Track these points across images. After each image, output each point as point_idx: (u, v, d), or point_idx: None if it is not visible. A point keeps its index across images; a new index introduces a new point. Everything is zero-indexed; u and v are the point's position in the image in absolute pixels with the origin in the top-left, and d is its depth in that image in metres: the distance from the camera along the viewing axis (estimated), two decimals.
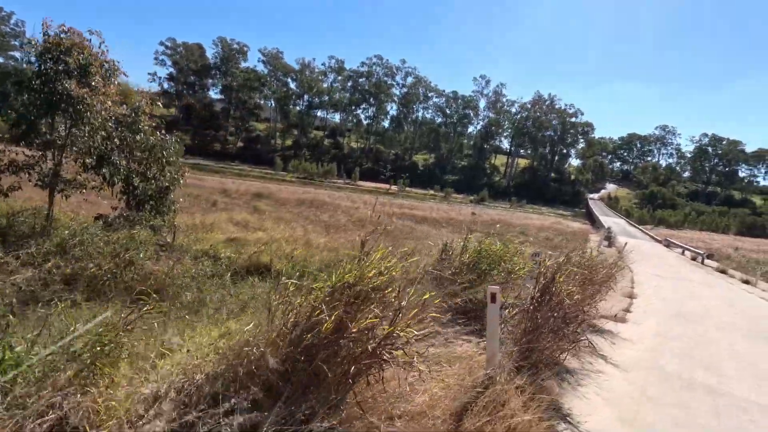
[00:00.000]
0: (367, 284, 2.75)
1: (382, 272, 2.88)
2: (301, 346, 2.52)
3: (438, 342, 4.47)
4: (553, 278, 4.64)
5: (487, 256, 6.14)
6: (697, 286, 16.96)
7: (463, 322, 5.25)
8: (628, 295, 12.95)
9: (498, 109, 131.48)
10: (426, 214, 33.16)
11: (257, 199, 28.53)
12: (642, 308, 11.06)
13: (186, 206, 21.35)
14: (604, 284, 8.12)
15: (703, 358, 7.00)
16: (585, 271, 7.08)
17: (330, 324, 2.52)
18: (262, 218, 20.07)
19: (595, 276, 7.46)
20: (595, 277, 7.43)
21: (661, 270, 20.68)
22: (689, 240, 41.26)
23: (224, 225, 16.68)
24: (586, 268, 7.42)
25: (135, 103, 11.87)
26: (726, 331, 9.53)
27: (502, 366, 3.75)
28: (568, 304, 4.64)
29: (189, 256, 10.65)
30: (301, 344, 2.52)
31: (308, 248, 14.46)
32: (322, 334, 2.51)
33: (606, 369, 5.75)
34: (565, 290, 4.73)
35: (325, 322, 2.49)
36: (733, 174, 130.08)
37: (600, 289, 7.97)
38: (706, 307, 12.52)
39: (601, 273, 7.87)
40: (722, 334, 9.12)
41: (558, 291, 4.64)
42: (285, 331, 2.62)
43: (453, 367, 3.88)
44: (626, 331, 8.29)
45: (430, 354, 3.75)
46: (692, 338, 8.43)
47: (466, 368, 3.89)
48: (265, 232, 16.40)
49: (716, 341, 8.45)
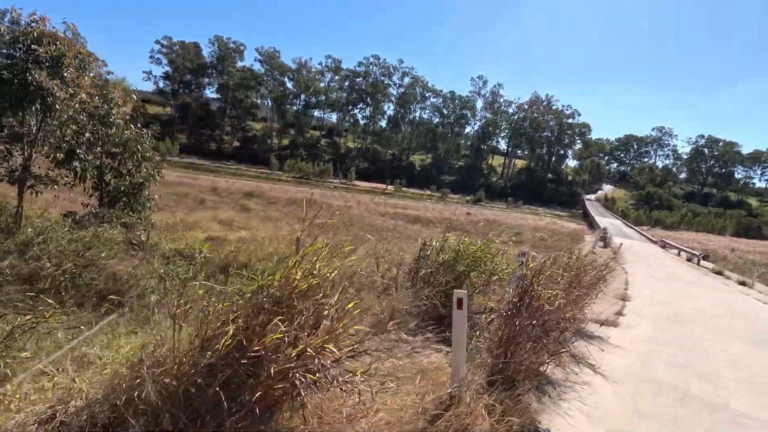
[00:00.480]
0: (292, 289, 2.29)
1: (314, 274, 2.41)
2: (201, 366, 2.05)
3: (403, 352, 4.00)
4: (532, 281, 4.18)
5: (465, 256, 5.66)
6: (693, 287, 16.55)
7: (434, 329, 4.77)
8: (621, 297, 12.51)
9: (495, 110, 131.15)
10: (419, 213, 32.68)
11: (247, 198, 28.02)
12: (635, 311, 10.61)
13: (170, 204, 20.83)
14: (592, 287, 7.66)
15: (698, 367, 6.55)
16: (572, 273, 6.62)
17: (228, 339, 2.05)
18: (248, 217, 19.56)
19: (584, 278, 7.00)
20: (583, 279, 6.98)
21: (656, 271, 20.27)
22: (685, 241, 40.95)
23: (208, 223, 16.18)
24: (574, 269, 6.97)
25: (109, 95, 11.37)
26: (723, 335, 9.09)
27: (469, 381, 3.28)
28: (549, 309, 4.18)
29: (160, 256, 10.15)
30: (200, 364, 2.06)
31: (291, 247, 13.96)
32: (222, 351, 2.04)
33: (593, 380, 5.28)
34: (546, 295, 4.26)
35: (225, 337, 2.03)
36: (730, 175, 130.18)
37: (588, 292, 7.52)
38: (702, 309, 12.09)
39: (589, 275, 7.41)
40: (719, 339, 8.68)
41: (538, 295, 4.17)
42: (191, 347, 2.16)
43: (415, 383, 3.41)
44: (617, 337, 7.84)
45: (387, 368, 3.26)
46: (687, 344, 7.99)
47: (429, 384, 3.42)
48: (250, 231, 15.90)
49: (712, 347, 8.00)
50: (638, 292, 13.79)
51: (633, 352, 6.89)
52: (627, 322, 9.30)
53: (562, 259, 7.29)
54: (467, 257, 5.76)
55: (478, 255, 5.77)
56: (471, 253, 5.72)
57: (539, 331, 4.13)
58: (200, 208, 20.56)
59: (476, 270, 5.94)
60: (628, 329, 8.62)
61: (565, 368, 5.43)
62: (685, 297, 14.02)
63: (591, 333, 7.79)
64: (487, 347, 4.19)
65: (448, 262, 5.58)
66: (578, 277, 6.86)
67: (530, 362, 4.12)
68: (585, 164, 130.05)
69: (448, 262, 5.58)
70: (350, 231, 19.28)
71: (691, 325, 9.79)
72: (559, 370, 5.28)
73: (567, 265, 7.11)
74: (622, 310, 10.59)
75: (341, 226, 20.37)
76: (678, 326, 9.45)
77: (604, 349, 6.75)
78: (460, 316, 3.33)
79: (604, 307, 10.59)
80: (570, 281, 6.36)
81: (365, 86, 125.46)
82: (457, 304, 3.33)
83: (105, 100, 11.11)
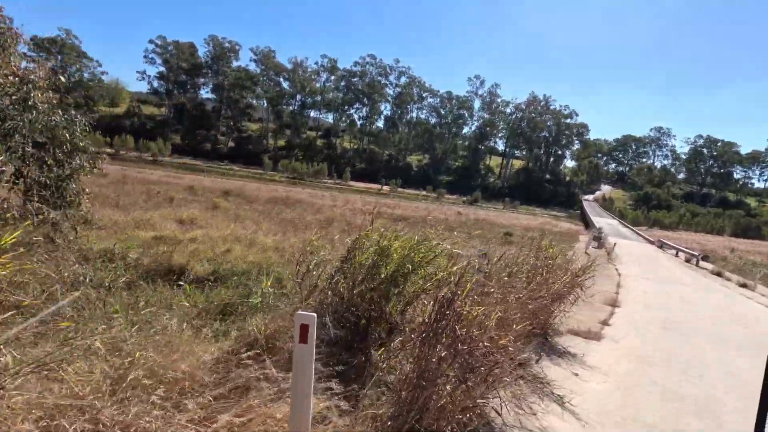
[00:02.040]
0: None
1: None
2: None
3: (264, 397, 2.73)
4: (453, 296, 2.92)
5: (386, 255, 4.36)
6: (691, 290, 15.27)
7: (336, 359, 3.49)
8: (611, 302, 11.24)
9: (493, 110, 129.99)
10: (407, 213, 31.42)
11: (225, 196, 26.72)
12: (624, 319, 9.34)
13: (137, 202, 19.54)
14: (567, 294, 6.41)
15: (695, 395, 5.27)
16: (537, 277, 5.35)
17: None
18: (215, 215, 18.26)
19: (553, 284, 5.74)
20: (553, 285, 5.72)
21: (651, 273, 19.00)
22: (684, 241, 39.67)
23: (163, 222, 14.90)
24: (541, 272, 5.71)
25: (29, 76, 10.07)
26: (724, 348, 7.82)
27: None
28: (477, 335, 2.91)
29: (80, 256, 8.86)
30: None
31: (250, 248, 12.68)
32: None
33: (555, 426, 4.00)
34: (473, 314, 3.00)
35: None
36: (728, 176, 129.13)
37: (562, 299, 6.28)
38: (701, 316, 10.83)
39: (561, 280, 6.13)
40: (719, 354, 7.41)
41: (462, 315, 2.92)
42: None
43: None
44: (599, 353, 6.56)
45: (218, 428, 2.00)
46: (682, 361, 6.72)
47: None
48: (209, 229, 14.65)
49: (712, 365, 6.74)
50: (630, 296, 12.53)
51: (614, 376, 5.60)
52: (613, 332, 8.02)
53: (528, 258, 6.02)
54: (399, 258, 4.51)
55: (410, 254, 4.50)
56: (403, 251, 4.42)
57: (464, 367, 2.87)
58: (166, 206, 19.24)
59: (409, 276, 4.65)
60: (613, 343, 7.35)
61: (522, 404, 4.16)
62: (681, 301, 12.74)
63: (566, 349, 6.52)
64: (393, 389, 2.94)
65: (370, 266, 4.31)
66: (544, 283, 5.60)
67: (452, 409, 2.87)
68: (583, 165, 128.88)
69: (370, 266, 4.31)
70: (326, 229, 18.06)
71: (688, 335, 8.53)
72: (512, 408, 3.99)
73: (533, 268, 5.85)
74: (609, 317, 9.31)
75: (315, 224, 19.17)
76: (673, 338, 8.18)
77: (579, 373, 5.48)
78: (303, 352, 2.09)
79: (589, 314, 9.34)
80: (533, 288, 5.09)
81: (361, 86, 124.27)
82: (300, 335, 2.08)
83: (23, 80, 9.81)
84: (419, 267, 4.52)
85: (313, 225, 19.68)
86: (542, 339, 6.45)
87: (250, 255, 11.68)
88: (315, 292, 4.18)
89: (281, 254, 12.13)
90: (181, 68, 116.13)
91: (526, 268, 6.03)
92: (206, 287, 7.80)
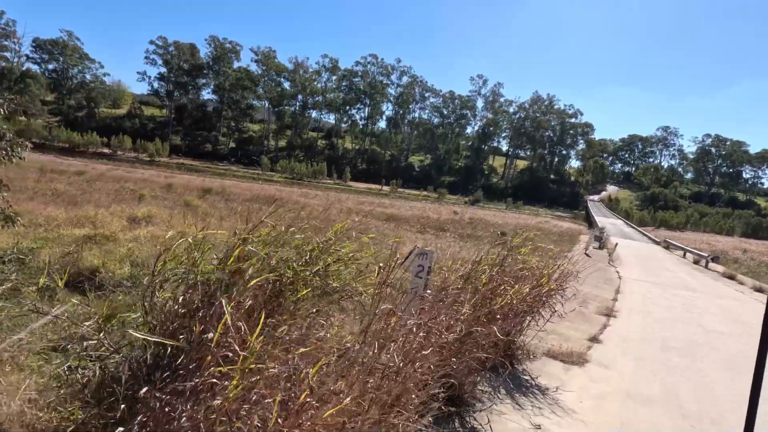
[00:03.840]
0: None
1: None
2: None
3: None
4: None
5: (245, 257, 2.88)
6: (700, 297, 13.61)
7: None
8: (606, 311, 9.66)
9: (496, 109, 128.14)
10: (396, 212, 29.93)
11: (203, 194, 25.37)
12: (618, 335, 7.77)
13: (89, 200, 18.24)
14: (537, 309, 4.90)
15: None
16: (479, 292, 3.84)
17: None
18: (180, 213, 16.86)
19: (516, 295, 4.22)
20: (514, 297, 4.20)
21: (655, 276, 17.35)
22: (692, 242, 37.80)
23: (112, 219, 13.54)
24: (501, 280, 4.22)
25: None
26: (741, 376, 6.25)
27: None
28: None
29: None
30: None
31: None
32: None
33: None
34: None
35: None
36: (737, 175, 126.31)
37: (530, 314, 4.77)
38: (711, 329, 9.22)
39: (531, 289, 4.61)
40: (737, 386, 5.85)
41: None
42: None
43: None
44: (578, 387, 5.03)
45: None
46: (688, 401, 5.17)
47: None
48: (158, 227, 13.26)
49: (726, 402, 5.19)
50: (629, 304, 10.95)
51: (594, 429, 4.06)
52: (601, 354, 6.47)
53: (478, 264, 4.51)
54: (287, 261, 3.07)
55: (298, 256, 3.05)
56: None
57: None
58: (132, 204, 17.92)
59: (299, 286, 3.22)
60: (600, 368, 5.81)
61: None
62: (688, 310, 11.12)
63: (535, 380, 4.99)
64: None
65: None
66: (502, 295, 4.10)
67: None
68: (588, 165, 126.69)
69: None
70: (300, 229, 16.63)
71: (695, 357, 6.96)
72: None
73: (472, 273, 4.35)
74: (600, 333, 7.74)
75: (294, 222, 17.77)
76: (675, 362, 6.61)
77: (543, 424, 3.94)
78: None
79: (576, 327, 7.80)
80: (477, 303, 3.60)
81: (363, 86, 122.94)
82: None
83: None
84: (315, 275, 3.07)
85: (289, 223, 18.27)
86: (508, 366, 4.93)
87: (185, 254, 10.12)
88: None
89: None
90: (181, 69, 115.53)
91: (484, 278, 4.53)
92: (111, 293, 6.44)
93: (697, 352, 7.27)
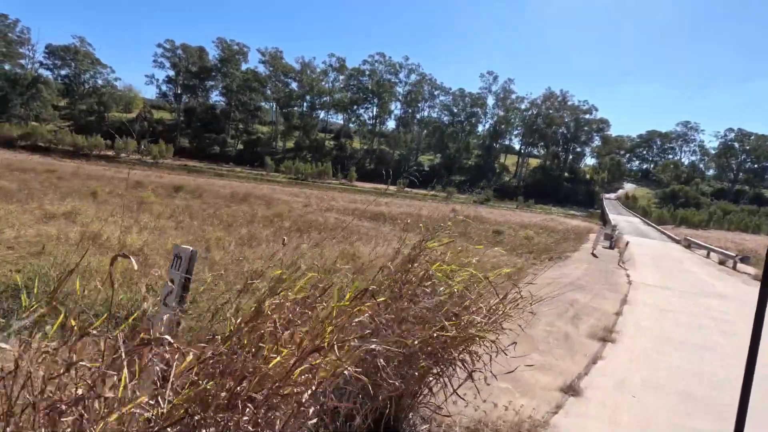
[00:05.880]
0: None
1: None
2: None
3: None
4: None
5: None
6: (733, 307, 10.98)
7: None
8: (604, 331, 7.22)
9: (507, 106, 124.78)
10: (394, 211, 27.75)
11: (175, 192, 23.54)
12: (613, 378, 5.36)
13: (29, 196, 16.45)
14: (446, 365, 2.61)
15: None
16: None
17: None
18: (114, 209, 14.90)
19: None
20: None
21: (674, 280, 14.71)
22: (716, 241, 34.58)
23: (23, 216, 11.66)
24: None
25: None
26: None
27: None
28: None
29: None
30: None
31: (98, 249, 9.15)
32: None
33: None
34: None
35: None
36: (763, 171, 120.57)
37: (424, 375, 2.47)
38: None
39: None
40: None
41: None
42: None
43: None
44: None
45: None
46: None
47: None
48: (70, 225, 11.31)
49: None
50: (636, 319, 8.46)
51: None
52: (574, 425, 4.11)
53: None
54: None
55: None
56: None
57: None
58: (77, 200, 16.15)
59: None
60: None
61: None
62: (717, 326, 8.57)
63: None
64: None
65: None
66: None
67: None
68: (604, 162, 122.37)
69: None
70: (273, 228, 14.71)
71: (751, 424, 4.56)
72: None
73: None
74: (586, 372, 5.35)
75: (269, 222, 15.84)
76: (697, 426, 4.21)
77: None
78: None
79: (550, 364, 5.44)
80: None
81: (371, 85, 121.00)
82: None
83: None
84: None
85: (255, 222, 16.30)
86: None
87: (75, 257, 8.03)
88: None
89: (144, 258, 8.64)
90: (189, 72, 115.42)
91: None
92: None
93: (752, 417, 4.84)
